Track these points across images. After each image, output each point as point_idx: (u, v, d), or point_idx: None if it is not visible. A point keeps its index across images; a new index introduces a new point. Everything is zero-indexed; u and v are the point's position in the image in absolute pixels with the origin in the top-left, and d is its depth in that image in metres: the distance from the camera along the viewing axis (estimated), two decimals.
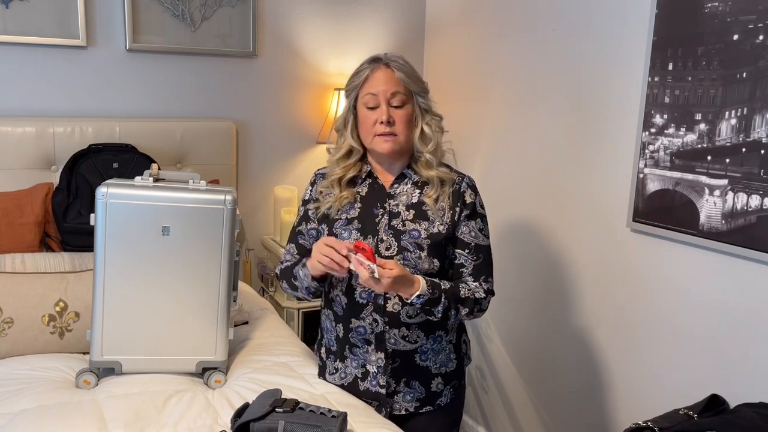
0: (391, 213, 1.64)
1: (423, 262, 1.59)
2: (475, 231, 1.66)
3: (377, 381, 1.65)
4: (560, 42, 2.29)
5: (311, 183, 1.77)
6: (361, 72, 1.63)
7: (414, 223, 1.62)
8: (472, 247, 1.65)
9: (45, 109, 2.41)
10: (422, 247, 1.60)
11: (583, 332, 2.27)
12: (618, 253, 2.11)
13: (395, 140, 1.61)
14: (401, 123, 1.60)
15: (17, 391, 1.66)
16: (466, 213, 1.65)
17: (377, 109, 1.60)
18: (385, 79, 1.60)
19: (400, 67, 1.61)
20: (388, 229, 1.62)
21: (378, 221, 1.63)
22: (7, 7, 2.30)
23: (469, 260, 1.65)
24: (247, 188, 2.81)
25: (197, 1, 2.59)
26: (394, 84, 1.60)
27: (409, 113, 1.62)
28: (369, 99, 1.60)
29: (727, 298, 1.78)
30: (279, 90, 2.82)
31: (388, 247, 1.60)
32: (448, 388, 1.71)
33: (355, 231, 1.63)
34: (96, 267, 1.71)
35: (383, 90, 1.59)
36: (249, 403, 1.51)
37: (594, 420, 2.23)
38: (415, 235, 1.61)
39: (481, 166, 2.71)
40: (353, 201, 1.66)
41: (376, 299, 1.61)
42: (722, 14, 1.72)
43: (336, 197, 1.66)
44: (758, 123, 1.66)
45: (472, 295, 1.61)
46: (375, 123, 1.60)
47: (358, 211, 1.65)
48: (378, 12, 2.96)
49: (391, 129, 1.59)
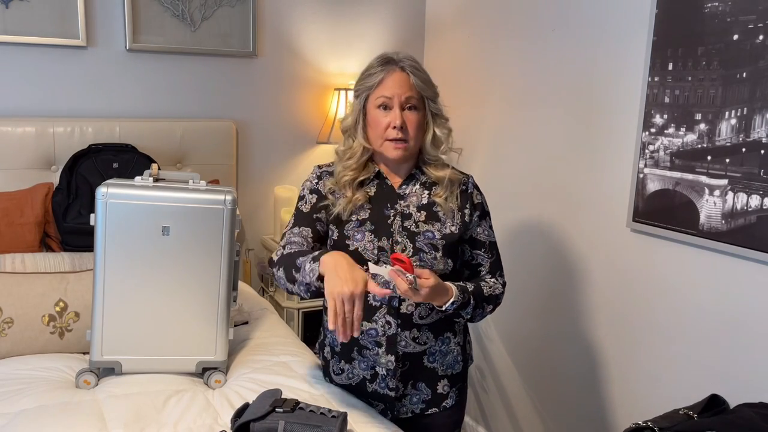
0: (403, 214, 1.62)
1: (438, 262, 1.60)
2: (488, 230, 1.70)
3: (386, 383, 1.64)
4: (560, 42, 2.29)
5: (317, 176, 1.68)
6: (374, 74, 1.59)
7: (427, 224, 1.61)
8: (487, 246, 1.69)
9: (45, 109, 2.41)
10: (437, 247, 1.60)
11: (583, 332, 2.27)
12: (618, 253, 2.11)
13: (406, 147, 1.59)
14: (413, 128, 1.59)
15: (17, 391, 1.66)
16: (478, 214, 1.67)
17: (390, 112, 1.57)
18: (401, 83, 1.57)
19: (416, 71, 1.59)
20: (402, 231, 1.60)
21: (391, 222, 1.61)
22: (7, 7, 2.30)
23: (486, 258, 1.69)
24: (247, 188, 2.81)
25: (197, 1, 2.59)
26: (409, 88, 1.57)
27: (421, 118, 1.61)
28: (382, 101, 1.58)
29: (727, 298, 1.78)
30: (279, 90, 2.82)
31: (404, 248, 1.59)
32: (453, 390, 1.71)
33: (369, 232, 1.61)
34: (96, 267, 1.71)
35: (398, 94, 1.56)
36: (249, 403, 1.51)
37: (594, 420, 2.23)
38: (429, 236, 1.60)
39: (481, 166, 2.70)
40: (364, 202, 1.64)
41: (391, 301, 1.60)
42: (722, 14, 1.72)
43: (349, 199, 1.61)
44: (758, 123, 1.66)
45: (493, 293, 1.65)
46: (387, 127, 1.57)
47: (369, 212, 1.63)
48: (378, 12, 2.96)
49: (404, 135, 1.58)
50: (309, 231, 1.62)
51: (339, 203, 1.62)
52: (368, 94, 1.60)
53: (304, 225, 1.63)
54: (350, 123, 1.64)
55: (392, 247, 1.59)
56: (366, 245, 1.60)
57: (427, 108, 1.62)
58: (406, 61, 1.59)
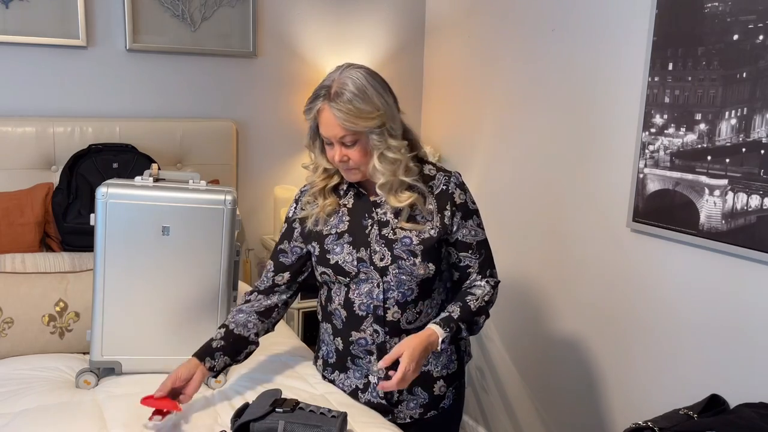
0: (380, 222, 1.60)
1: (418, 268, 1.58)
2: (474, 229, 1.64)
3: (377, 392, 1.64)
4: (560, 42, 2.29)
5: (295, 200, 1.73)
6: (309, 108, 1.55)
7: (404, 230, 1.59)
8: (474, 247, 1.64)
9: (45, 109, 2.41)
10: (415, 253, 1.58)
11: (583, 332, 2.27)
12: (618, 253, 2.11)
13: (359, 171, 1.57)
14: (357, 159, 1.54)
15: (17, 391, 1.66)
16: (460, 215, 1.61)
17: (332, 146, 1.55)
18: (330, 123, 1.51)
19: (341, 109, 1.48)
20: (379, 239, 1.59)
21: (368, 232, 1.60)
22: (7, 7, 2.30)
23: (474, 259, 1.64)
24: (247, 188, 2.81)
25: (197, 1, 2.59)
26: (340, 128, 1.50)
27: (363, 148, 1.53)
28: (324, 138, 1.56)
29: (727, 298, 1.78)
30: (279, 90, 2.82)
31: (382, 257, 1.58)
32: (450, 390, 1.70)
33: (347, 244, 1.60)
34: (96, 267, 1.71)
35: (331, 134, 1.53)
36: (249, 403, 1.51)
37: (594, 419, 2.23)
38: (407, 242, 1.58)
39: (480, 166, 2.71)
40: (341, 214, 1.63)
41: (376, 310, 1.60)
42: (722, 14, 1.72)
43: (320, 207, 1.62)
44: (758, 123, 1.66)
45: (482, 302, 1.60)
46: (333, 158, 1.56)
47: (348, 224, 1.63)
48: (378, 12, 2.96)
49: (349, 166, 1.56)
50: (272, 264, 1.71)
51: (312, 213, 1.64)
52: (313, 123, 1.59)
53: (271, 258, 1.73)
54: (308, 142, 1.64)
55: (371, 257, 1.58)
56: (345, 257, 1.60)
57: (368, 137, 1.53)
58: (336, 97, 1.49)
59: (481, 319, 1.62)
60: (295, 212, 1.71)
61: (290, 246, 1.69)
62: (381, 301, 1.59)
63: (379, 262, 1.58)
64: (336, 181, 1.65)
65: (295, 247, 1.69)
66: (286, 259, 1.69)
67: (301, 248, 1.68)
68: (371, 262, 1.58)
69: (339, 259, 1.60)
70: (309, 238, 1.66)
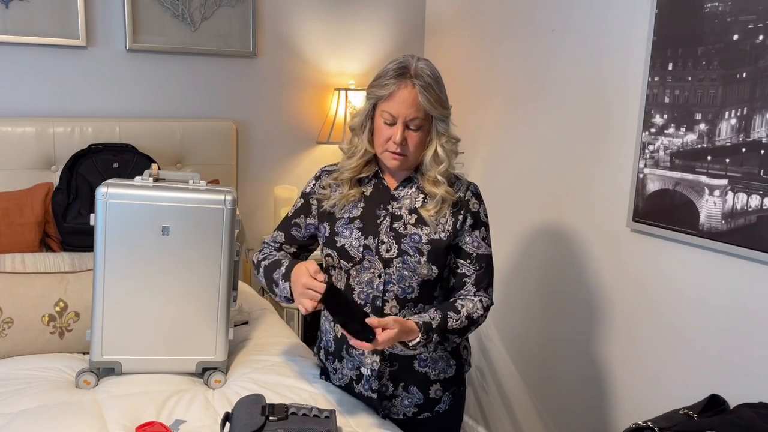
0: (394, 215, 1.62)
1: (422, 267, 1.58)
2: (478, 240, 1.64)
3: (369, 385, 1.64)
4: (560, 42, 2.29)
5: (316, 177, 1.74)
6: (386, 84, 1.54)
7: (416, 227, 1.61)
8: (473, 257, 1.64)
9: (45, 109, 2.41)
10: (422, 252, 1.59)
11: (582, 332, 2.27)
12: (618, 253, 2.11)
13: (403, 160, 1.59)
14: (413, 145, 1.58)
15: (17, 391, 1.66)
16: (470, 222, 1.63)
17: (393, 126, 1.56)
18: (408, 101, 1.53)
19: (427, 89, 1.53)
20: (389, 231, 1.61)
21: (380, 222, 1.62)
22: (7, 7, 2.30)
23: (472, 270, 1.64)
24: (247, 188, 2.81)
25: (197, 1, 2.59)
26: (415, 109, 1.53)
27: (424, 136, 1.59)
28: (387, 116, 1.56)
29: (727, 298, 1.78)
30: (279, 90, 2.82)
31: (389, 249, 1.59)
32: (447, 395, 1.70)
33: (357, 230, 1.62)
34: (96, 267, 1.71)
35: (403, 114, 1.54)
36: (230, 413, 1.49)
37: (594, 420, 2.23)
38: (416, 239, 1.59)
39: (481, 167, 2.71)
40: (356, 200, 1.65)
41: (374, 301, 1.61)
42: (722, 14, 1.72)
43: (343, 195, 1.64)
44: (758, 123, 1.66)
45: (464, 322, 1.58)
46: (388, 139, 1.57)
47: (361, 210, 1.64)
48: (378, 12, 2.96)
49: (403, 150, 1.57)
50: (282, 236, 1.74)
51: (333, 196, 1.65)
52: (376, 102, 1.59)
53: (281, 230, 1.76)
54: (357, 123, 1.64)
55: (378, 247, 1.59)
56: (352, 242, 1.61)
57: (433, 126, 1.59)
58: (419, 78, 1.53)
59: (456, 338, 1.60)
60: (313, 188, 1.72)
61: (305, 221, 1.71)
62: (381, 291, 1.59)
63: (385, 253, 1.59)
64: (366, 173, 1.66)
65: (310, 224, 1.71)
66: (298, 233, 1.73)
67: (315, 226, 1.70)
68: (377, 251, 1.59)
69: (346, 243, 1.61)
70: (322, 217, 1.68)
